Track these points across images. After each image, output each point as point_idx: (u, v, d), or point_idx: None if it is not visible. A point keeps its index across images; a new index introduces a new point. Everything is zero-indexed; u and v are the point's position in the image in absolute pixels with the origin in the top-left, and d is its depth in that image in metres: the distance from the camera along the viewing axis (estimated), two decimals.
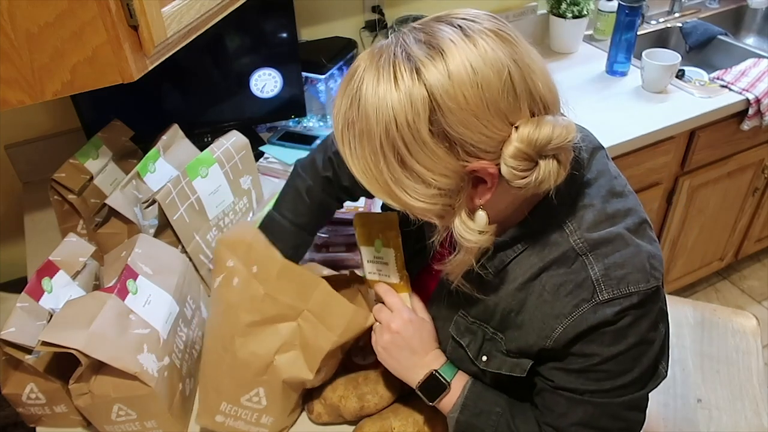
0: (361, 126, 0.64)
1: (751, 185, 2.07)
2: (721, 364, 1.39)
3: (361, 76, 0.64)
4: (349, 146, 0.67)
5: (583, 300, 0.69)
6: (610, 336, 0.70)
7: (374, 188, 0.68)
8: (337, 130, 0.68)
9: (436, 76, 0.60)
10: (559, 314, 0.71)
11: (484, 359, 0.80)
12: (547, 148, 0.63)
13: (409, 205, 0.67)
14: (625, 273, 0.69)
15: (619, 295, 0.69)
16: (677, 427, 1.27)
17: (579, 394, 0.74)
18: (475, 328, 0.80)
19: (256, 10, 1.45)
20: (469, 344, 0.81)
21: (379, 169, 0.65)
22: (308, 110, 1.67)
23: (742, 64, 1.86)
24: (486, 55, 0.61)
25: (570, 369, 0.74)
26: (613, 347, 0.70)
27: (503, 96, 0.61)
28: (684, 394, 1.32)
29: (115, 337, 0.86)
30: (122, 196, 1.15)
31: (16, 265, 1.55)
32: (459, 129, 0.61)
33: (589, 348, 0.71)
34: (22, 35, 0.81)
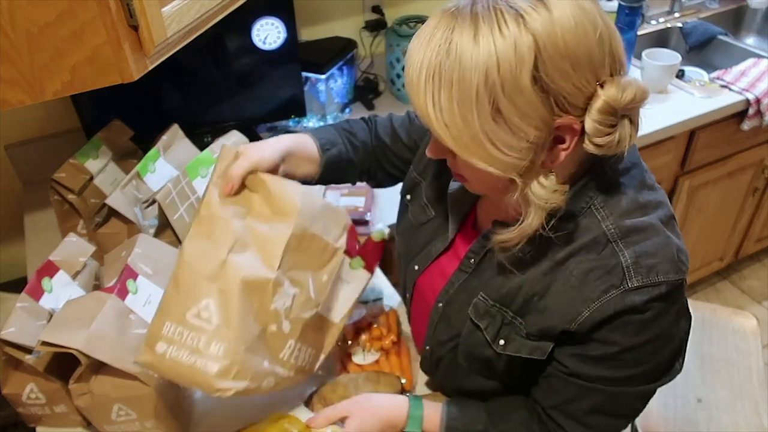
0: (452, 74, 0.62)
1: (751, 185, 2.07)
2: (721, 364, 1.39)
3: (450, 27, 0.63)
4: (433, 98, 0.64)
5: (612, 285, 0.69)
6: (634, 326, 0.70)
7: (458, 143, 0.65)
8: (418, 83, 0.65)
9: (541, 23, 0.60)
10: (587, 298, 0.71)
11: (502, 343, 0.79)
12: (628, 107, 0.64)
13: (494, 160, 0.65)
14: (656, 262, 0.69)
15: (649, 283, 0.69)
16: (677, 427, 1.27)
17: (591, 382, 0.75)
18: (494, 311, 0.80)
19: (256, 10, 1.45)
20: (487, 327, 0.80)
21: (468, 121, 0.63)
22: (308, 110, 1.68)
23: (742, 64, 1.86)
24: (584, 7, 0.62)
25: (587, 355, 0.73)
26: (636, 338, 0.71)
27: (597, 50, 0.62)
28: (684, 394, 1.32)
29: (115, 337, 0.86)
30: (122, 196, 1.15)
31: (16, 265, 1.55)
32: (556, 79, 0.61)
33: (611, 336, 0.71)
34: (22, 35, 0.81)
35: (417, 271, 0.95)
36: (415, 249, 0.95)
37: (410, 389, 1.00)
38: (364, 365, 1.02)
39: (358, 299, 0.96)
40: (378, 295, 1.19)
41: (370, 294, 1.19)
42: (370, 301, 1.17)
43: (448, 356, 0.89)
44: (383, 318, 1.09)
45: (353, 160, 1.01)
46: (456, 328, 0.85)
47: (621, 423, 0.80)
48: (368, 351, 1.03)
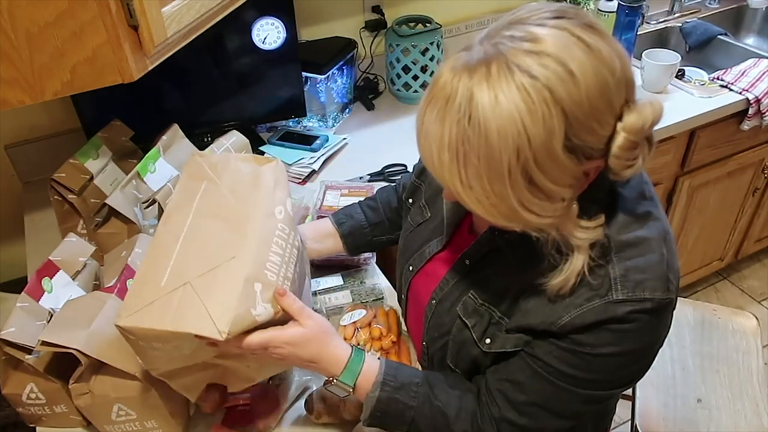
0: (479, 151, 0.60)
1: (751, 185, 2.07)
2: (721, 364, 1.39)
3: (467, 96, 0.59)
4: (460, 176, 0.62)
5: (596, 295, 0.69)
6: (612, 334, 0.70)
7: (493, 213, 0.64)
8: (441, 164, 0.63)
9: (564, 87, 0.58)
10: (570, 304, 0.70)
11: (488, 341, 0.80)
12: (648, 131, 0.63)
13: (530, 224, 0.64)
14: (645, 278, 0.69)
15: (633, 298, 0.68)
16: (677, 427, 1.27)
17: (548, 373, 0.74)
18: (482, 310, 0.80)
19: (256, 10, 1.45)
20: (475, 326, 0.81)
21: (503, 195, 0.62)
22: (308, 110, 1.68)
23: (742, 64, 1.86)
24: (600, 54, 0.60)
25: (558, 346, 0.73)
26: (609, 347, 0.70)
27: (615, 91, 0.61)
28: (684, 394, 1.32)
29: (115, 337, 0.86)
30: (122, 196, 1.15)
31: (16, 265, 1.55)
32: (584, 137, 0.61)
33: (587, 339, 0.71)
34: (22, 35, 0.81)
35: (411, 272, 0.95)
36: (411, 250, 0.96)
37: None
38: None
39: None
40: (378, 295, 1.19)
41: (371, 294, 1.19)
42: (370, 301, 1.17)
43: (439, 353, 0.89)
44: (383, 318, 1.09)
45: (376, 221, 1.12)
46: (446, 325, 0.86)
47: (557, 423, 0.78)
48: (368, 351, 1.03)
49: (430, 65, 1.76)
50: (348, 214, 1.12)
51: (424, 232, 0.94)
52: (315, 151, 1.59)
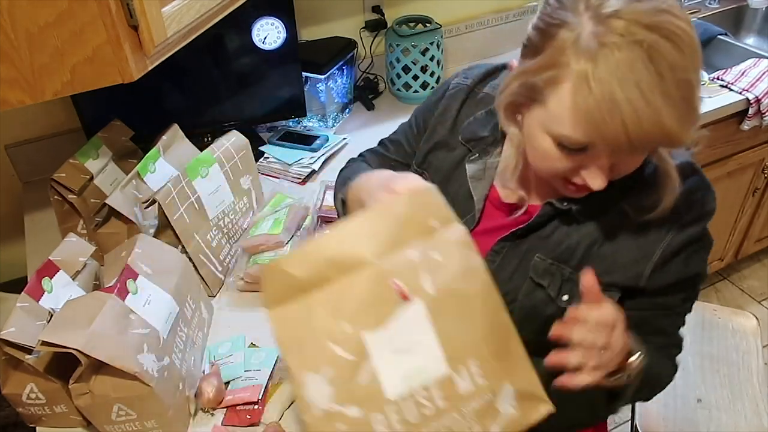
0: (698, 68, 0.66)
1: (751, 185, 2.07)
2: (721, 364, 1.39)
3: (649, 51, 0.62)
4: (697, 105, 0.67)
5: (675, 224, 0.78)
6: (696, 254, 0.81)
7: (689, 131, 0.66)
8: (698, 54, 0.65)
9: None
10: (654, 240, 0.78)
11: (565, 298, 0.83)
12: None
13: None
14: (702, 195, 0.79)
15: (700, 214, 0.79)
16: (677, 427, 1.27)
17: (670, 309, 0.85)
18: (553, 269, 0.83)
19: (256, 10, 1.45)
20: (549, 285, 0.83)
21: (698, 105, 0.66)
22: (308, 110, 1.68)
23: (742, 64, 1.86)
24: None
25: (669, 285, 0.81)
26: (700, 264, 0.82)
27: None
28: (684, 394, 1.32)
29: (115, 337, 0.86)
30: (122, 196, 1.15)
31: (16, 265, 1.55)
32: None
33: (681, 268, 0.80)
34: (22, 35, 0.81)
35: None
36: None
37: None
38: None
39: None
40: None
41: None
42: None
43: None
44: None
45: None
46: (511, 293, 0.86)
47: (672, 341, 0.89)
48: None
49: (430, 65, 1.76)
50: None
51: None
52: (315, 151, 1.59)
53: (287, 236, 1.22)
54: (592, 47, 0.62)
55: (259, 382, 1.02)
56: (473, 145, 0.91)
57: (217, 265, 1.23)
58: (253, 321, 1.16)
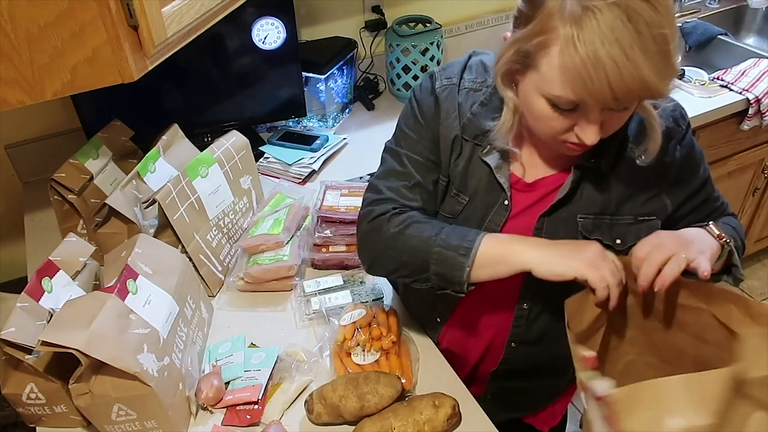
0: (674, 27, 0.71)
1: (751, 185, 2.07)
2: None
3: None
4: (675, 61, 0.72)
5: (676, 143, 0.91)
6: (696, 157, 0.95)
7: (668, 83, 0.73)
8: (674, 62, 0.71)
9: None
10: (668, 163, 0.90)
11: (619, 242, 0.92)
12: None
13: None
14: (680, 112, 0.93)
15: (687, 124, 0.94)
16: None
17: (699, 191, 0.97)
18: (598, 221, 0.92)
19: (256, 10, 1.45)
20: (602, 237, 0.92)
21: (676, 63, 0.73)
22: (308, 110, 1.68)
23: (742, 64, 1.86)
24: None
25: (697, 178, 0.95)
26: (702, 165, 0.96)
27: None
28: None
29: (115, 337, 0.86)
30: (122, 196, 1.15)
31: (16, 265, 1.55)
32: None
33: (694, 174, 0.95)
34: (22, 35, 0.81)
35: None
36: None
37: (410, 389, 1.01)
38: (364, 365, 1.02)
39: None
40: (378, 295, 1.19)
41: (371, 294, 1.19)
42: (370, 301, 1.17)
43: (561, 290, 0.84)
44: (383, 318, 1.09)
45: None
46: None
47: (720, 201, 1.03)
48: (368, 351, 1.03)
49: (430, 65, 1.76)
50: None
51: (475, 211, 0.95)
52: (315, 151, 1.59)
53: (287, 236, 1.22)
54: (576, 12, 0.68)
55: (259, 382, 1.02)
56: (481, 139, 0.91)
57: (217, 265, 1.23)
58: (253, 321, 1.16)
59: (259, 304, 1.21)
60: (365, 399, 0.94)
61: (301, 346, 1.09)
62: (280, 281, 1.21)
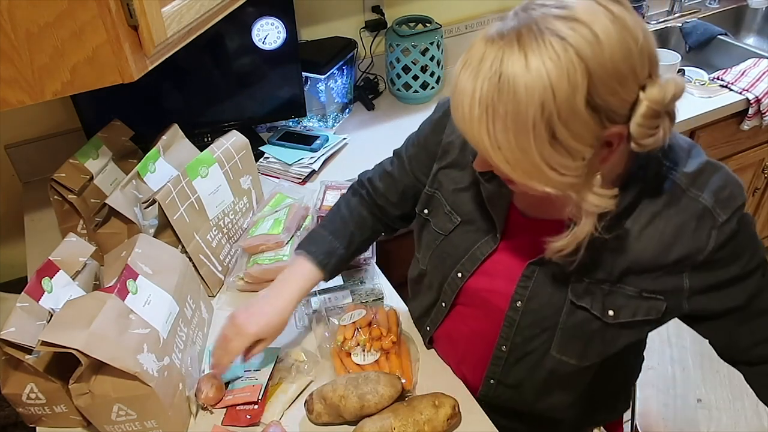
0: (507, 107, 0.63)
1: (751, 185, 2.07)
2: (721, 364, 1.38)
3: (498, 57, 0.64)
4: (488, 130, 0.66)
5: (711, 228, 0.76)
6: (741, 246, 0.78)
7: (516, 169, 0.68)
8: (471, 119, 0.66)
9: (588, 47, 0.62)
10: (697, 247, 0.76)
11: (611, 313, 0.82)
12: (670, 105, 0.67)
13: (552, 182, 0.68)
14: (730, 191, 0.77)
15: (733, 209, 0.76)
16: (677, 427, 1.27)
17: (745, 308, 0.81)
18: (592, 288, 0.82)
19: (257, 10, 1.45)
20: (592, 305, 0.83)
21: (525, 149, 0.65)
22: (308, 110, 1.68)
23: (742, 64, 1.86)
24: (624, 21, 0.64)
25: (723, 282, 0.79)
26: (748, 253, 0.79)
27: (638, 60, 0.64)
28: (684, 394, 1.32)
29: (115, 337, 0.86)
30: (122, 196, 1.15)
31: (16, 265, 1.55)
32: (606, 96, 0.63)
33: (730, 263, 0.78)
34: (22, 35, 0.81)
35: (462, 278, 0.94)
36: (455, 257, 0.94)
37: (410, 389, 1.00)
38: (364, 365, 1.02)
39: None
40: (378, 295, 1.19)
41: (371, 294, 1.19)
42: (370, 301, 1.17)
43: (541, 348, 0.88)
44: (383, 318, 1.09)
45: (357, 249, 1.08)
46: (551, 317, 0.86)
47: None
48: (368, 351, 1.03)
49: (430, 65, 1.76)
50: (329, 253, 1.03)
51: (464, 236, 0.93)
52: (315, 151, 1.59)
53: (287, 236, 1.22)
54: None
55: (259, 382, 1.02)
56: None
57: (217, 265, 1.23)
58: None
59: None
60: (365, 399, 0.94)
61: (301, 346, 1.09)
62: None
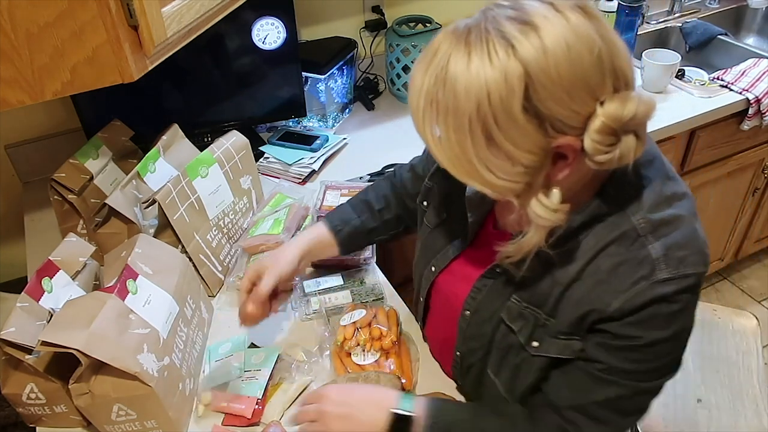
0: (447, 103, 0.63)
1: (751, 185, 2.07)
2: (721, 364, 1.39)
3: (447, 53, 0.64)
4: (430, 124, 0.66)
5: (642, 277, 0.70)
6: (661, 318, 0.70)
7: (455, 167, 0.68)
8: (417, 109, 0.67)
9: (531, 51, 0.60)
10: (616, 290, 0.71)
11: (535, 345, 0.79)
12: (630, 124, 0.63)
13: (490, 184, 0.67)
14: (686, 254, 0.70)
15: (678, 275, 0.69)
16: (677, 427, 1.27)
17: (609, 374, 0.74)
18: (527, 313, 0.79)
19: (257, 10, 1.45)
20: (521, 330, 0.80)
21: (463, 147, 0.65)
22: (308, 110, 1.68)
23: (742, 64, 1.86)
24: (578, 30, 0.62)
25: (612, 345, 0.73)
26: (662, 331, 0.71)
27: (593, 72, 0.62)
28: (684, 394, 1.32)
29: (115, 337, 0.86)
30: (122, 196, 1.15)
31: (16, 265, 1.55)
32: (550, 105, 0.62)
33: (637, 330, 0.71)
34: (22, 35, 0.81)
35: (434, 272, 0.94)
36: (432, 250, 0.95)
37: (410, 389, 1.00)
38: (364, 365, 1.02)
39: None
40: (378, 295, 1.19)
41: (371, 294, 1.19)
42: (370, 301, 1.17)
43: (479, 363, 0.88)
44: (383, 318, 1.09)
45: (373, 226, 1.10)
46: (488, 334, 0.84)
47: (629, 421, 0.79)
48: (368, 351, 1.03)
49: None
50: (344, 221, 1.09)
51: (445, 233, 0.94)
52: (315, 151, 1.59)
53: (287, 236, 1.22)
54: None
55: (260, 382, 1.02)
56: None
57: (217, 265, 1.23)
58: None
59: None
60: None
61: (301, 346, 1.09)
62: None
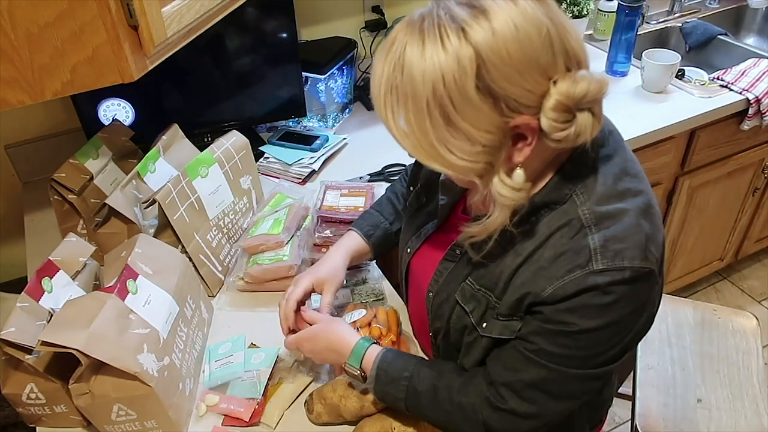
0: (406, 89, 0.67)
1: (751, 185, 2.07)
2: (721, 364, 1.39)
3: (403, 42, 0.67)
4: (392, 111, 0.70)
5: (577, 266, 0.71)
6: (594, 308, 0.71)
7: (417, 151, 0.71)
8: (379, 97, 0.70)
9: (482, 34, 0.63)
10: (552, 276, 0.72)
11: (484, 325, 0.81)
12: (583, 101, 0.66)
13: (452, 165, 0.69)
14: (623, 247, 0.70)
15: (613, 267, 0.70)
16: (677, 427, 1.27)
17: (538, 355, 0.75)
18: (479, 296, 0.82)
19: (257, 10, 1.45)
20: (473, 311, 0.82)
21: (424, 130, 0.68)
22: (308, 110, 1.68)
23: (742, 64, 1.86)
24: (526, 12, 0.64)
25: (544, 328, 0.74)
26: (594, 320, 0.71)
27: (543, 52, 0.65)
28: (684, 394, 1.32)
29: (115, 337, 0.86)
30: (122, 196, 1.15)
31: (16, 265, 1.55)
32: (503, 84, 0.64)
33: (570, 316, 0.72)
34: (22, 35, 0.81)
35: (409, 254, 0.99)
36: (409, 233, 0.99)
37: None
38: None
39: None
40: (378, 295, 1.19)
41: (371, 294, 1.19)
42: (370, 301, 1.17)
43: (444, 342, 0.90)
44: (383, 318, 1.09)
45: (399, 227, 1.11)
46: (446, 315, 0.87)
47: (559, 406, 0.79)
48: None
49: None
50: (374, 225, 1.13)
51: (421, 216, 0.98)
52: (315, 151, 1.59)
53: (287, 236, 1.22)
54: None
55: (259, 382, 1.02)
56: None
57: (217, 265, 1.23)
58: (253, 321, 1.16)
59: (259, 304, 1.21)
60: (365, 399, 0.94)
61: None
62: (280, 281, 1.21)
